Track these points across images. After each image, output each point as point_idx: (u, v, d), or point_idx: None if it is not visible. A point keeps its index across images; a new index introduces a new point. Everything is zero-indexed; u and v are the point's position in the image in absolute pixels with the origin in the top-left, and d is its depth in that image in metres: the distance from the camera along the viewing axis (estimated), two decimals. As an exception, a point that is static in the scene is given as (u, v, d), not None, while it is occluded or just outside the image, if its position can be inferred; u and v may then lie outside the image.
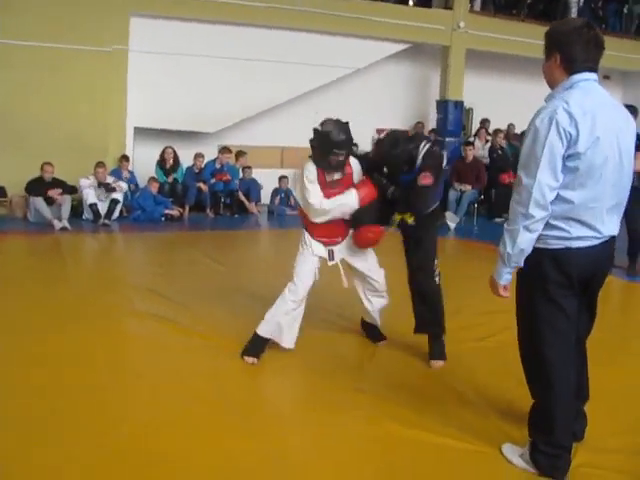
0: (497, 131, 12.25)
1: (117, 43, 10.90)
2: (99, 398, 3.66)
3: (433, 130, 12.96)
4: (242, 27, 11.51)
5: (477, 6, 13.61)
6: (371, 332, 4.78)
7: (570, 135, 2.66)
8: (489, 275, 2.98)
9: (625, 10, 15.11)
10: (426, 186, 4.05)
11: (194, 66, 11.25)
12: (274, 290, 4.41)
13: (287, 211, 11.53)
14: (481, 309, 5.39)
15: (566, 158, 2.69)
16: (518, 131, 13.61)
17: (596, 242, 2.81)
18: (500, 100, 13.70)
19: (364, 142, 12.70)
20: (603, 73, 15.43)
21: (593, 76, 2.80)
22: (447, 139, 12.45)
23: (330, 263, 4.38)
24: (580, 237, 2.78)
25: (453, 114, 12.58)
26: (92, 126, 10.75)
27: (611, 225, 2.86)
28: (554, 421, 2.92)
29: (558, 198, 2.74)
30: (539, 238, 2.80)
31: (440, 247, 4.49)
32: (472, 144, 11.64)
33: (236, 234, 9.95)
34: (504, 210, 11.53)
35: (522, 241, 2.77)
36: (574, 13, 14.09)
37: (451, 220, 10.32)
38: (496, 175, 11.48)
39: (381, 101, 13.08)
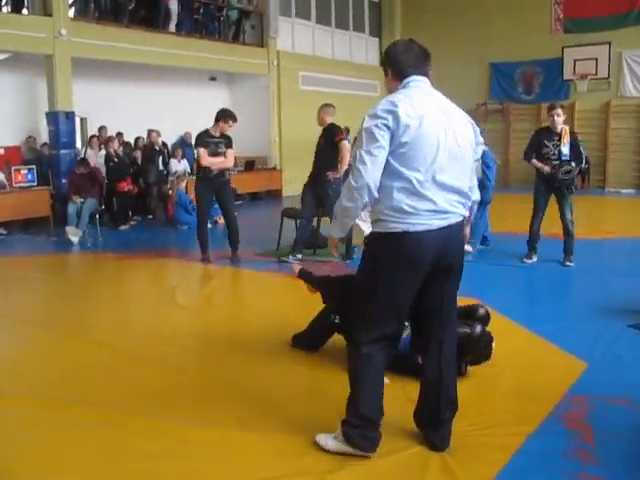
0: (110, 138, 12.27)
1: None
2: None
3: (45, 144, 12.51)
4: None
5: (74, 12, 13.17)
6: None
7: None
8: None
9: (222, 17, 16.21)
10: None
11: None
12: None
13: None
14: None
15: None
16: (131, 138, 13.77)
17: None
18: (117, 107, 13.75)
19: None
20: (209, 75, 16.53)
21: (423, 78, 3.08)
22: (61, 151, 12.06)
23: None
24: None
25: (65, 125, 12.13)
26: None
27: None
28: (358, 393, 3.13)
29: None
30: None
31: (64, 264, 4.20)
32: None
33: None
34: (127, 217, 11.70)
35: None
36: (174, 20, 14.72)
37: (73, 234, 10.12)
38: (114, 183, 11.59)
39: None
